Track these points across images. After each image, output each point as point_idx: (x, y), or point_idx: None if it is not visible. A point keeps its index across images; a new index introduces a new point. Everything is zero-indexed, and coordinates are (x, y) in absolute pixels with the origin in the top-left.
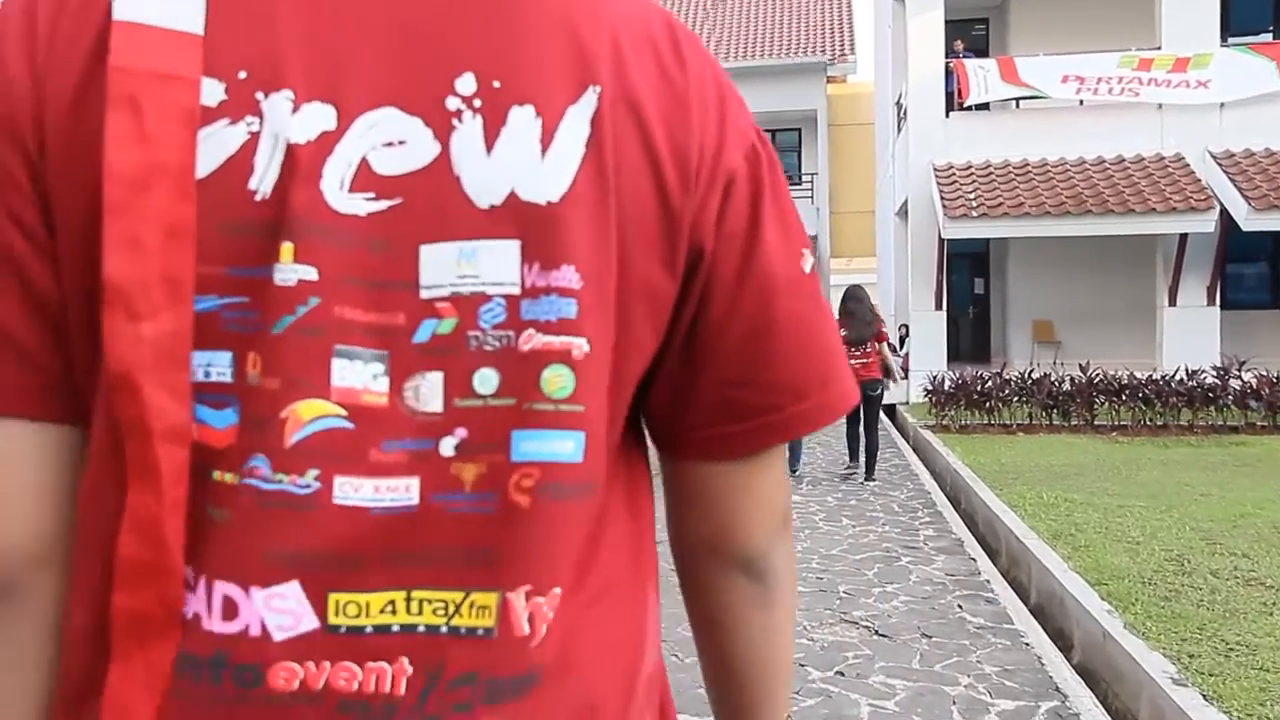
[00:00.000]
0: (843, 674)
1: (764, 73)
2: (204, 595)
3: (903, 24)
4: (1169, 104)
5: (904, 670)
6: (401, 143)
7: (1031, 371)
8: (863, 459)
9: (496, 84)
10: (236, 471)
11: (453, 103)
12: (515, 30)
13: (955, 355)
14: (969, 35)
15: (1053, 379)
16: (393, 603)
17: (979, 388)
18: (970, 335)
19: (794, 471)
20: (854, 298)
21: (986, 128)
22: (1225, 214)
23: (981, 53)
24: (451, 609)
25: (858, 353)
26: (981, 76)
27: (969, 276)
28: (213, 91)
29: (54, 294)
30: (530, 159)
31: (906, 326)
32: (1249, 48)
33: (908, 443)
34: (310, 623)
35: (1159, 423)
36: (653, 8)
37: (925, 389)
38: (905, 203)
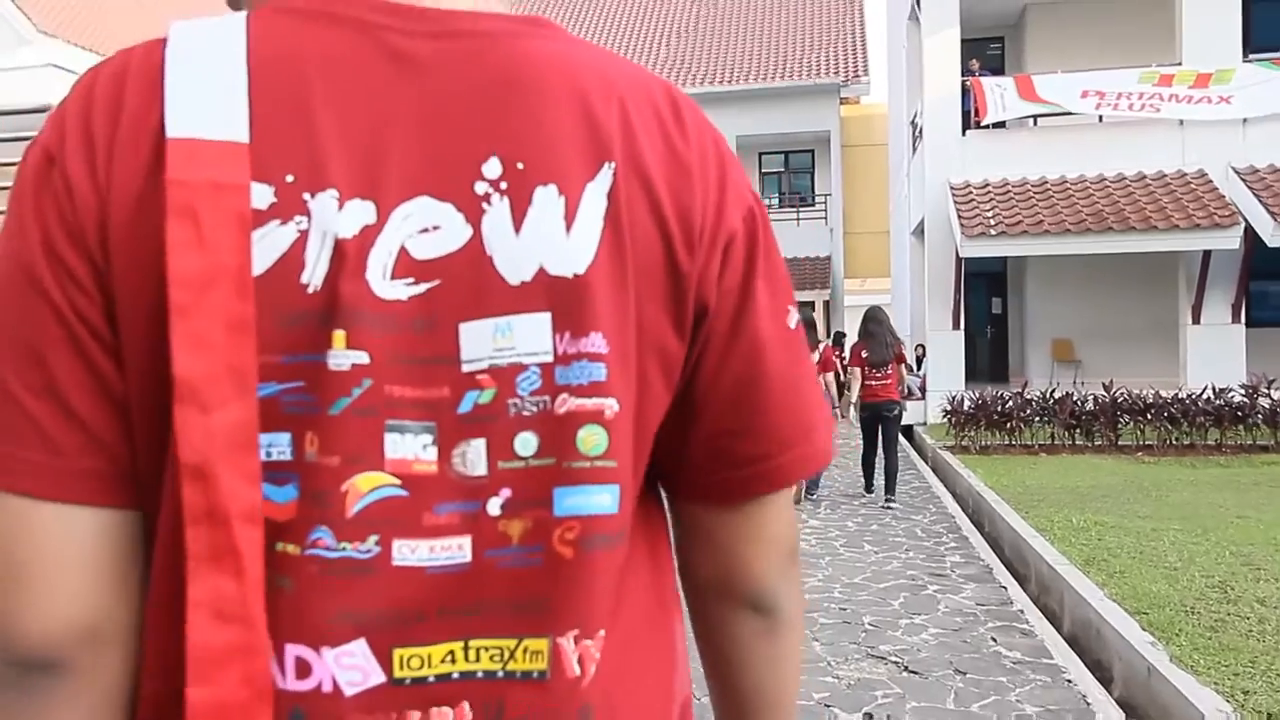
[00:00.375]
0: (872, 716)
1: (777, 94)
2: (274, 658)
3: (918, 43)
4: (1191, 120)
5: (938, 712)
6: (436, 228)
7: (1053, 391)
8: (881, 482)
9: (520, 165)
10: (300, 543)
11: (481, 187)
12: (533, 111)
13: (972, 375)
14: (984, 54)
15: (1075, 398)
16: (452, 653)
17: (999, 408)
18: (988, 355)
19: (812, 495)
20: (874, 319)
21: (1004, 146)
22: (1250, 230)
23: (998, 71)
24: (507, 655)
25: (878, 374)
26: (998, 94)
27: (986, 296)
28: (262, 195)
29: (120, 387)
30: (556, 236)
31: (923, 347)
32: (1272, 62)
33: (926, 464)
34: (377, 677)
35: (1185, 442)
36: (653, 77)
37: (944, 409)
38: (921, 222)
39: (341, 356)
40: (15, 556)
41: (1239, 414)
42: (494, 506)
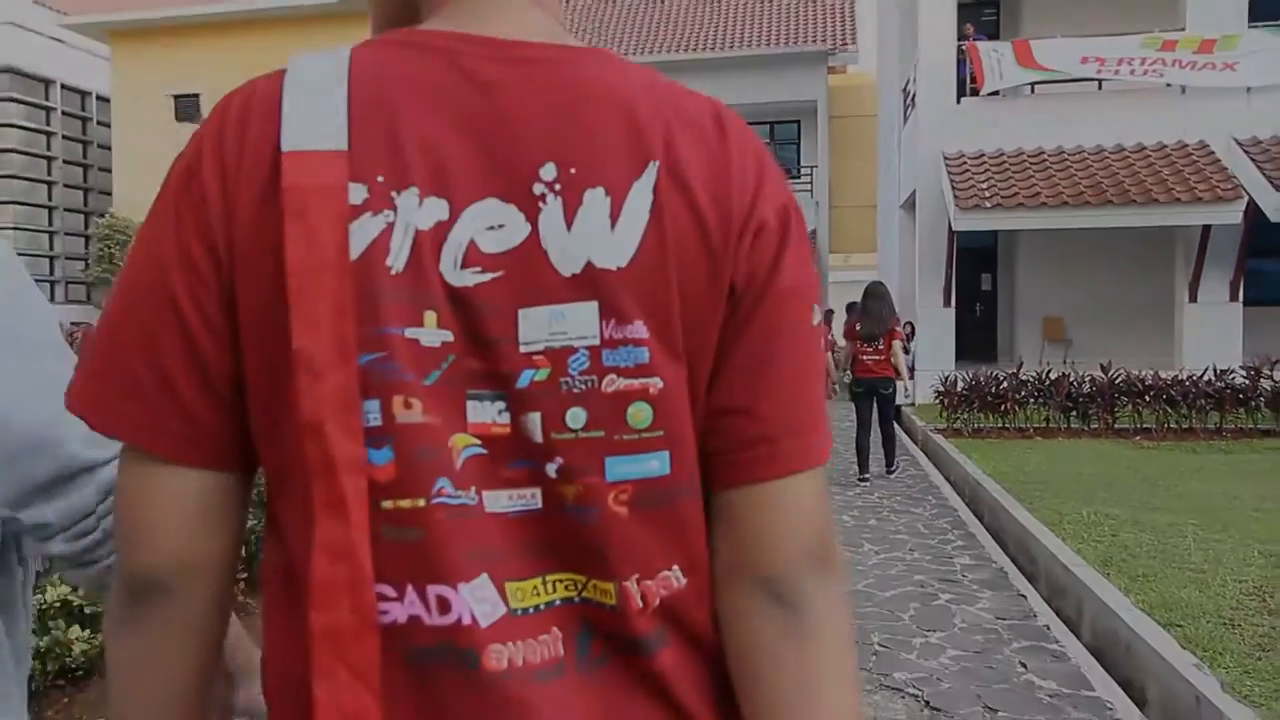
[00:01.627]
0: None
1: (763, 62)
2: (417, 599)
3: (911, 6)
4: (1194, 88)
5: None
6: (500, 226)
7: (1047, 371)
8: (872, 471)
9: (573, 170)
10: (423, 496)
11: (538, 188)
12: (587, 124)
13: (959, 353)
14: (979, 19)
15: (1071, 379)
16: (537, 587)
17: (994, 389)
18: (976, 333)
19: None
20: (875, 295)
21: (1000, 114)
22: (1252, 205)
23: (993, 37)
24: (580, 585)
25: (869, 349)
26: (995, 60)
27: (975, 272)
28: (358, 192)
29: (222, 369)
30: (602, 233)
31: (912, 324)
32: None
33: (918, 447)
34: (501, 608)
35: (1184, 426)
36: (704, 100)
37: (936, 390)
38: (912, 194)
39: (434, 334)
40: (131, 504)
41: (1240, 397)
42: (550, 470)
